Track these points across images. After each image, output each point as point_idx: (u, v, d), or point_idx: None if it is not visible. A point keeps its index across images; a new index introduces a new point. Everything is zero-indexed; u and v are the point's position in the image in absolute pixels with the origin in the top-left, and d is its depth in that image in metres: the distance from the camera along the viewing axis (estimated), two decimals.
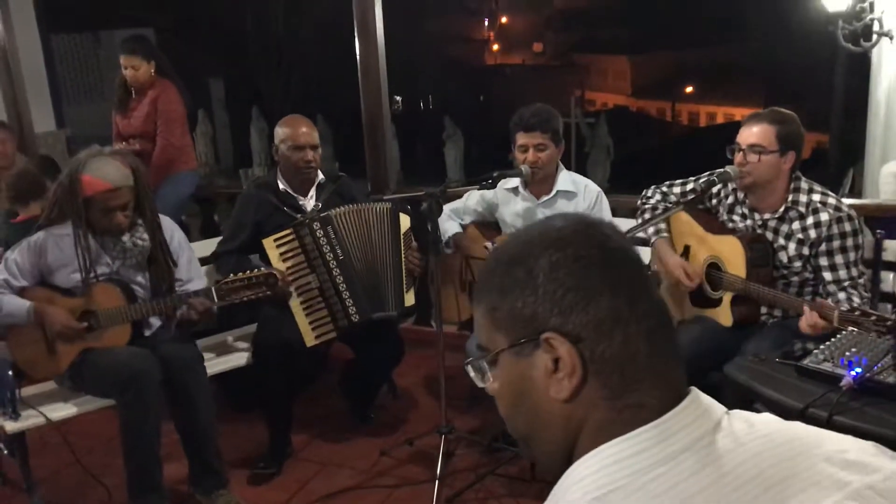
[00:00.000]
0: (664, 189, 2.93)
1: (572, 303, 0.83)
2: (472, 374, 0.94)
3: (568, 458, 0.85)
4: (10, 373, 2.70)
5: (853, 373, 1.98)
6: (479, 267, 2.89)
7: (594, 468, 0.80)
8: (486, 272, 0.91)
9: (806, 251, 2.59)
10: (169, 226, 2.96)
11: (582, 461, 0.82)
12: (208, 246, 3.37)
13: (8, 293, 2.72)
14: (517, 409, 0.90)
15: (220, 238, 3.39)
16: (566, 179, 3.13)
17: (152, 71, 4.14)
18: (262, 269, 2.85)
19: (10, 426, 2.68)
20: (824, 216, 2.55)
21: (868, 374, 1.96)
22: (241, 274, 2.80)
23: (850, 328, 2.17)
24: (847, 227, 2.54)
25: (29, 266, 2.75)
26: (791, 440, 0.83)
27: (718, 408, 0.85)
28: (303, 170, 3.17)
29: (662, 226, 2.88)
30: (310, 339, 3.06)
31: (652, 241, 2.90)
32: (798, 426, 0.87)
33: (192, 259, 3.03)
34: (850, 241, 2.54)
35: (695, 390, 0.86)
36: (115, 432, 2.74)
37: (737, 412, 0.87)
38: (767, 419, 0.87)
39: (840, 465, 0.81)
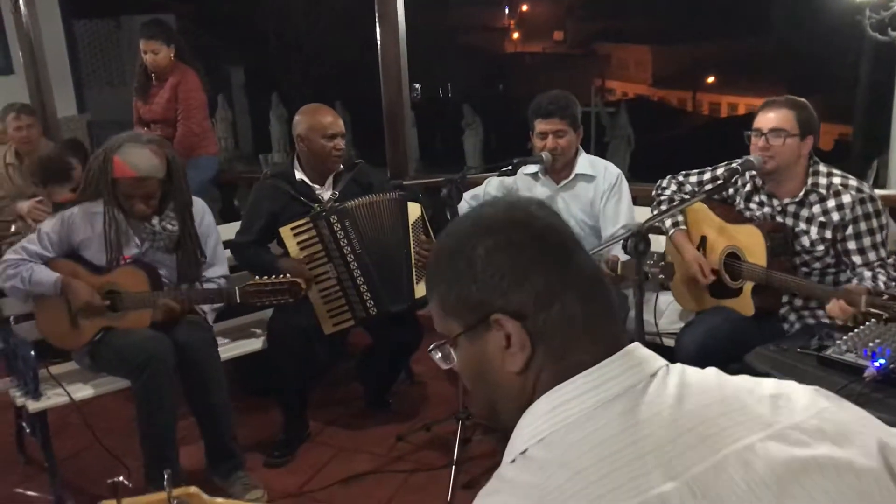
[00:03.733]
0: (680, 179, 2.91)
1: (510, 284, 0.91)
2: (436, 357, 1.02)
3: None
4: (32, 353, 2.74)
5: (877, 364, 1.96)
6: None
7: (540, 412, 0.88)
8: (431, 266, 1.00)
9: (829, 234, 2.56)
10: (200, 209, 2.99)
11: (532, 407, 0.90)
12: (228, 230, 3.38)
13: (39, 263, 2.78)
14: (479, 384, 0.99)
15: (239, 222, 3.39)
16: (585, 163, 3.12)
17: (172, 55, 4.15)
18: (288, 276, 2.82)
19: (33, 405, 2.72)
20: (846, 198, 2.53)
21: (892, 365, 1.94)
22: (266, 279, 2.79)
23: (874, 318, 2.14)
24: (870, 207, 2.53)
25: (58, 239, 2.81)
26: (721, 386, 0.89)
27: (657, 361, 0.91)
28: (334, 159, 3.16)
29: (679, 217, 2.86)
30: (328, 327, 3.07)
31: (670, 233, 2.87)
32: (735, 378, 0.92)
33: (217, 243, 3.05)
34: (875, 223, 2.53)
35: (634, 345, 0.92)
36: (134, 414, 2.77)
37: (677, 366, 0.92)
38: (705, 374, 0.92)
39: (770, 407, 0.86)
